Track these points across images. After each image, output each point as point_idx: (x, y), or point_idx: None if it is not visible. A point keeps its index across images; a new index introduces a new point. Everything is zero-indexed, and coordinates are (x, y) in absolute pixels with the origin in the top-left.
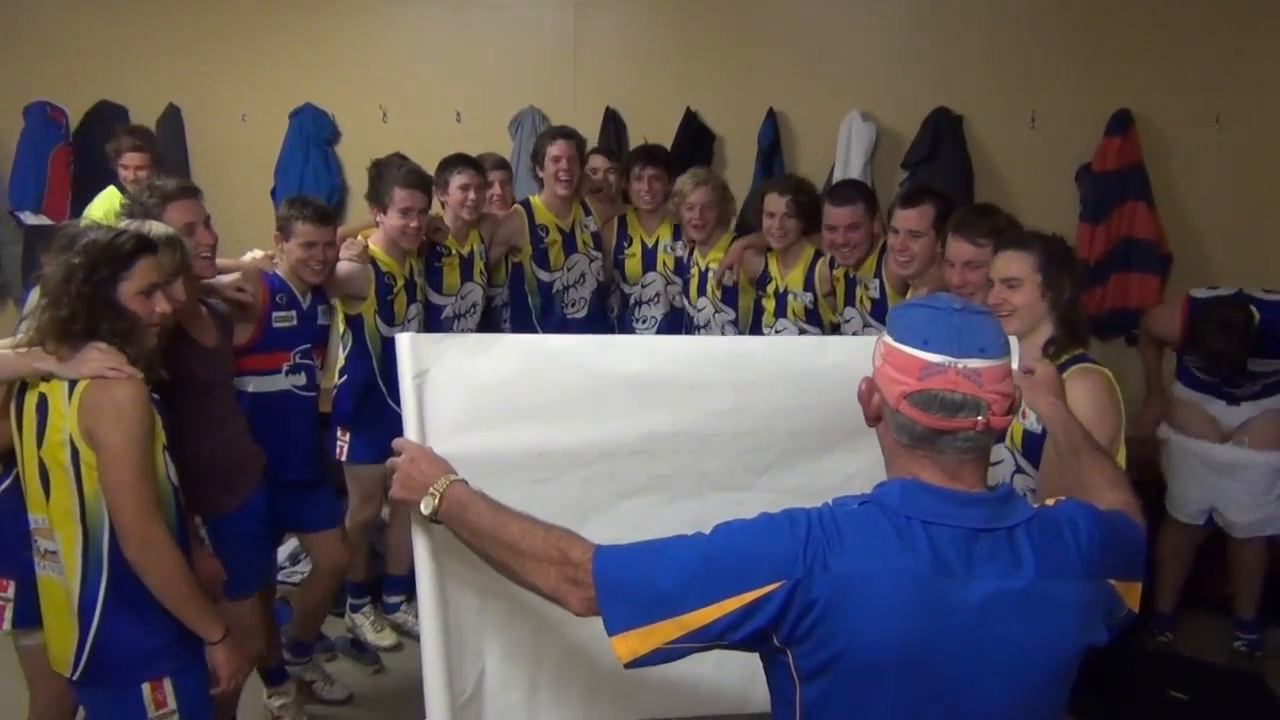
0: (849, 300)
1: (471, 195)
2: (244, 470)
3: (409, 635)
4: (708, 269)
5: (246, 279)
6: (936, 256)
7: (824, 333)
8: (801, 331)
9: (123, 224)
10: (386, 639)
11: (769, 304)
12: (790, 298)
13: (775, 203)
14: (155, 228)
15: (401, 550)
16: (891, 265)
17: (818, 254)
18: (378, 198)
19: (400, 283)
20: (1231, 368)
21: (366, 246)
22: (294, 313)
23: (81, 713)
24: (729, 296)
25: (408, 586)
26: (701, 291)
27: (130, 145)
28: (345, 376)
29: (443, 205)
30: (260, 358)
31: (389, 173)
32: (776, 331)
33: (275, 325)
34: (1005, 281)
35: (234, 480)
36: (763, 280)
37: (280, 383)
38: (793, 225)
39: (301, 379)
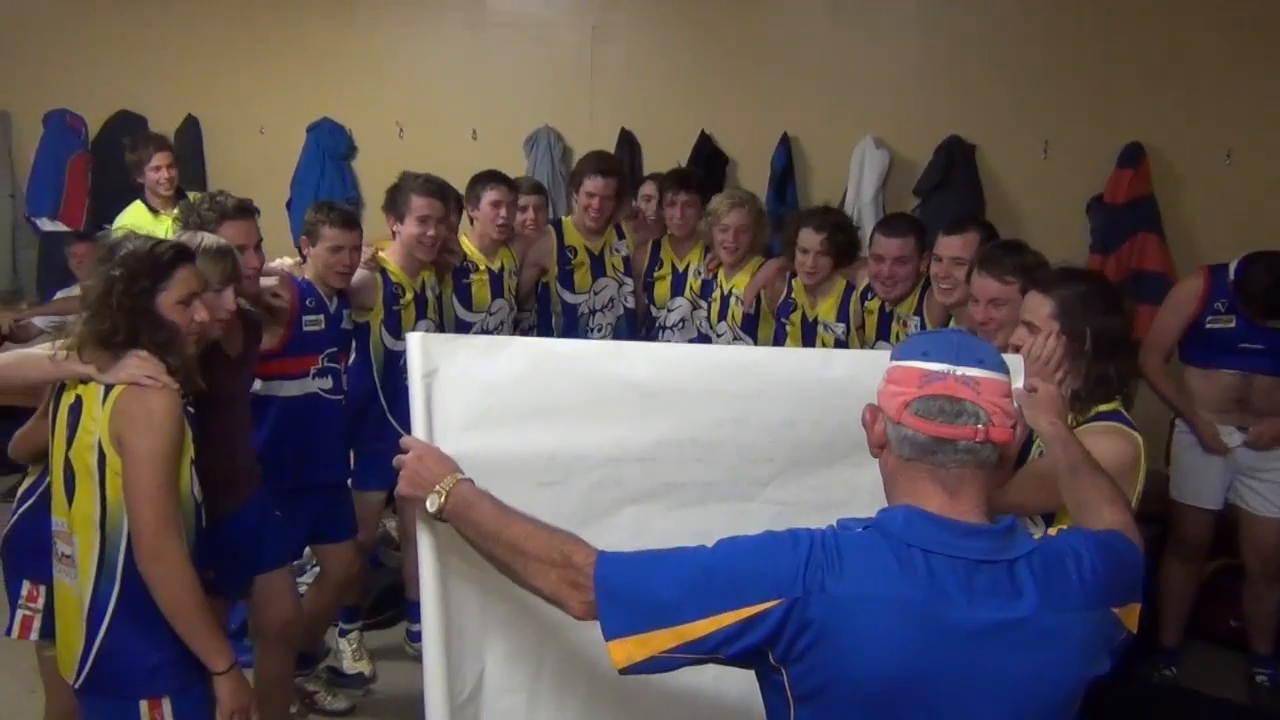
0: (882, 334)
1: (503, 212)
2: (239, 482)
3: None
4: (730, 293)
5: (281, 285)
6: None
7: None
8: None
9: (176, 234)
10: (365, 668)
11: (794, 334)
12: (821, 328)
13: (810, 239)
14: (206, 238)
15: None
16: (935, 294)
17: (849, 286)
18: (395, 207)
19: (409, 295)
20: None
21: (375, 254)
22: (322, 316)
23: None
24: (749, 325)
25: None
26: (723, 316)
27: (156, 146)
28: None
29: (472, 221)
30: (290, 361)
31: (407, 182)
32: None
33: (305, 329)
34: (1025, 325)
35: (227, 491)
36: (785, 308)
37: (309, 386)
38: (825, 264)
39: (328, 382)
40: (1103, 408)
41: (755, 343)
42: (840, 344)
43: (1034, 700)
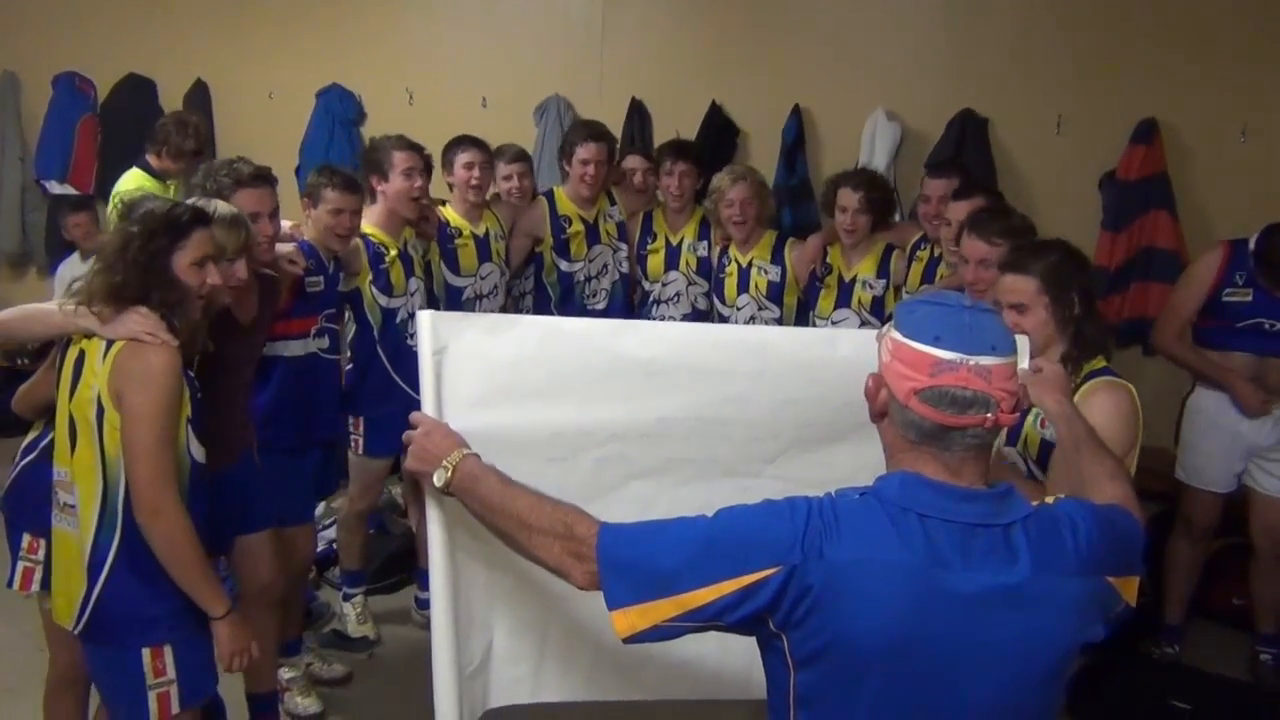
0: (927, 278)
1: (476, 173)
2: (228, 443)
3: None
4: (749, 265)
5: (296, 253)
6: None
7: None
8: (863, 324)
9: (191, 200)
10: (369, 631)
11: (829, 295)
12: (859, 286)
13: (848, 198)
14: (221, 206)
15: None
16: (945, 258)
17: (889, 247)
18: (377, 166)
19: (393, 253)
20: None
21: (294, 227)
22: (321, 278)
23: None
24: (774, 293)
25: None
26: (743, 289)
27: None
28: (350, 353)
29: (450, 187)
30: (295, 322)
31: (384, 142)
32: (833, 324)
33: (307, 290)
34: (1012, 307)
35: (216, 452)
36: (821, 272)
37: (310, 346)
38: (864, 221)
39: (325, 342)
40: (1093, 366)
41: (782, 309)
42: (878, 301)
43: (1027, 663)
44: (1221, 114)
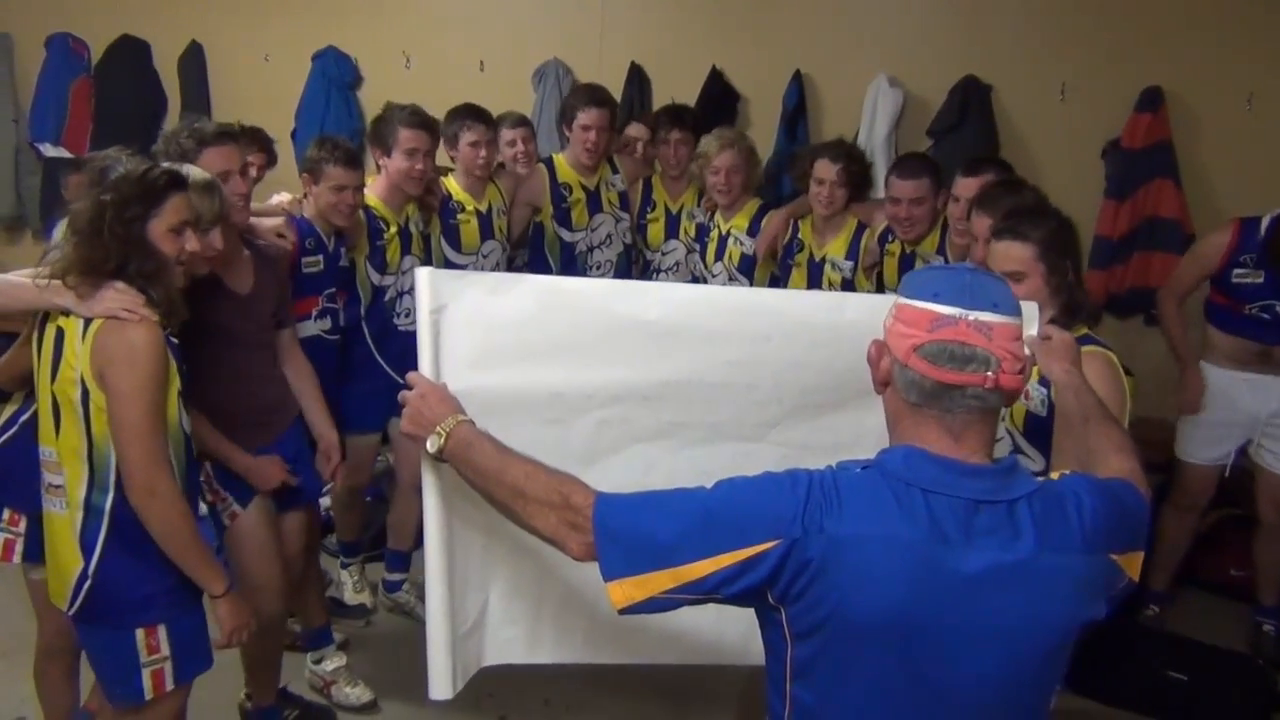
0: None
1: (482, 152)
2: (266, 421)
3: (410, 616)
4: (728, 234)
5: (284, 226)
6: None
7: None
8: None
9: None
10: (366, 599)
11: (800, 273)
12: (828, 267)
13: (826, 169)
14: (195, 172)
15: (405, 525)
16: (952, 236)
17: (861, 226)
18: (381, 140)
19: (393, 229)
20: None
21: (292, 202)
22: (321, 257)
23: None
24: (746, 266)
25: (407, 565)
26: (719, 256)
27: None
28: None
29: (452, 160)
30: (295, 304)
31: (394, 114)
32: None
33: (305, 271)
34: (1008, 275)
35: (250, 431)
36: (791, 249)
37: (310, 328)
38: (841, 195)
39: (327, 323)
40: (1076, 333)
41: (752, 284)
42: (847, 283)
43: (1028, 641)
44: (1227, 82)
